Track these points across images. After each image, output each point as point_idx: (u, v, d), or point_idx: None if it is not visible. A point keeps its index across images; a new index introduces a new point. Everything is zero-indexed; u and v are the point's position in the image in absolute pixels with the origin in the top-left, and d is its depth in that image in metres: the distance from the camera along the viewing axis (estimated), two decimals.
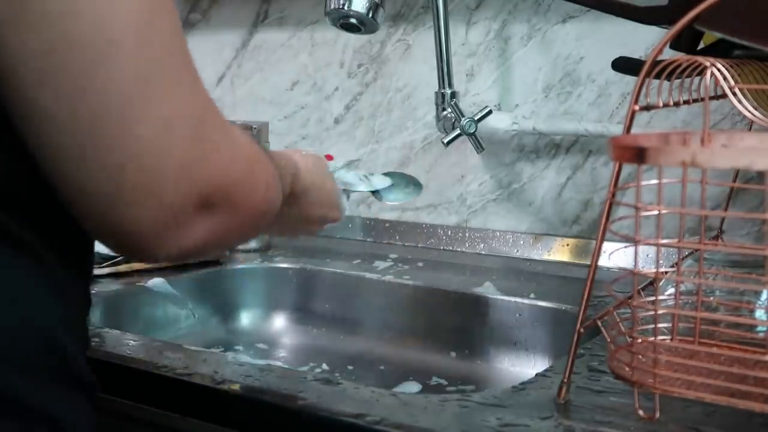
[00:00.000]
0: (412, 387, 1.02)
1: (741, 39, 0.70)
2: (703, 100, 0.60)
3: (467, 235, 1.28)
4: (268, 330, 1.20)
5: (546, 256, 1.20)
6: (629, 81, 1.11)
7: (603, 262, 0.66)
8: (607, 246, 0.67)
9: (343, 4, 1.07)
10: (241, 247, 1.26)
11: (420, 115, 1.31)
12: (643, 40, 1.08)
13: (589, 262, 0.64)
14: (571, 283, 1.09)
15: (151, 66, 0.52)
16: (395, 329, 1.12)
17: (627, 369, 0.59)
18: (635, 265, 0.57)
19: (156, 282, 1.11)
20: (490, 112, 1.16)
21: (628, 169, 0.59)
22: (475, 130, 1.15)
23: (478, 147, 1.16)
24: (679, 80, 0.62)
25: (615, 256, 0.97)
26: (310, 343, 1.17)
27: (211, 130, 0.55)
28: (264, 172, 0.63)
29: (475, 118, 1.14)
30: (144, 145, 0.51)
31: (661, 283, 0.72)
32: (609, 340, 0.62)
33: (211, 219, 0.56)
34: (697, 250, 0.71)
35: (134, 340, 0.85)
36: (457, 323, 1.08)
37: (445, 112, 1.16)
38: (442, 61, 1.15)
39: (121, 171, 0.51)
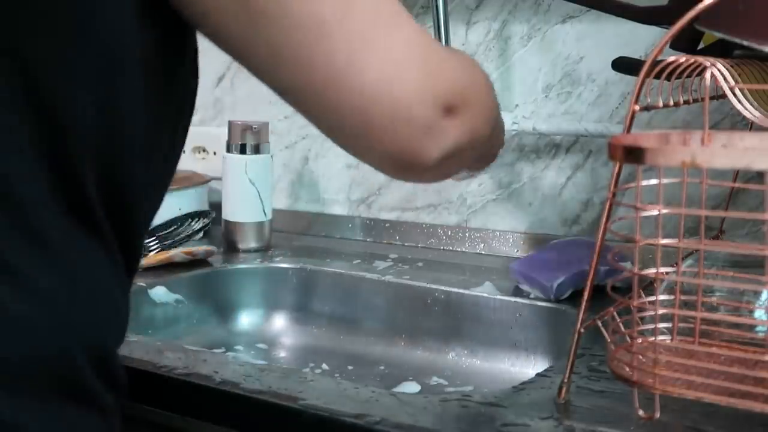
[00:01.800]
0: (412, 387, 1.02)
1: (741, 39, 0.70)
2: (703, 100, 0.60)
3: (467, 235, 1.28)
4: (268, 330, 1.20)
5: None
6: (629, 81, 1.11)
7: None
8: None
9: None
10: (243, 246, 1.26)
11: None
12: (643, 40, 1.08)
13: None
14: None
15: (368, 18, 0.61)
16: (395, 329, 1.12)
17: (627, 369, 0.59)
18: (635, 265, 0.57)
19: (158, 291, 1.12)
20: None
21: (628, 169, 0.59)
22: None
23: None
24: (679, 80, 0.62)
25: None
26: (310, 343, 1.17)
27: (434, 56, 0.64)
28: (480, 75, 0.72)
29: None
30: (378, 87, 0.61)
31: (662, 284, 0.73)
32: (609, 340, 0.62)
33: (457, 120, 0.64)
34: (697, 250, 0.71)
35: (134, 340, 0.85)
36: (457, 323, 1.08)
37: None
38: None
39: (364, 113, 0.61)
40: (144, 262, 1.14)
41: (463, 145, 0.66)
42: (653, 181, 0.57)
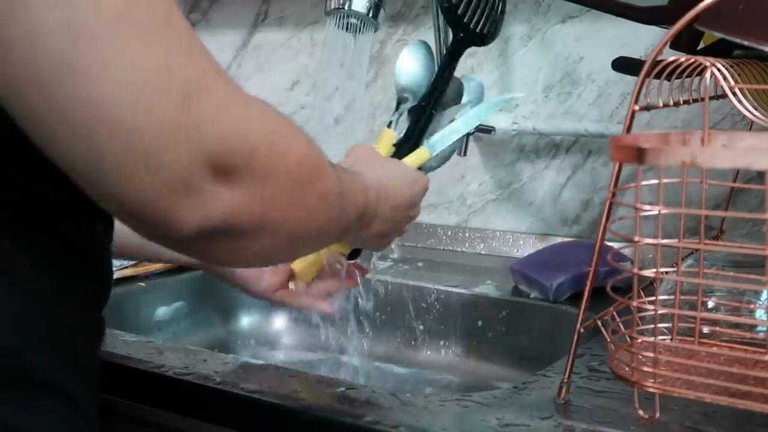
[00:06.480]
0: (412, 387, 1.02)
1: (741, 39, 0.70)
2: (703, 100, 0.60)
3: (467, 235, 1.27)
4: (268, 330, 1.20)
5: None
6: (629, 81, 1.11)
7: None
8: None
9: (343, 4, 1.07)
10: None
11: None
12: (643, 40, 1.08)
13: None
14: None
15: (117, 15, 0.48)
16: (395, 329, 1.12)
17: (627, 369, 0.59)
18: (635, 265, 0.57)
19: (159, 311, 1.12)
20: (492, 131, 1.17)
21: (628, 169, 0.59)
22: (474, 131, 1.15)
23: (464, 150, 1.16)
24: (679, 80, 0.62)
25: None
26: (311, 343, 1.17)
27: (212, 90, 0.51)
28: (297, 136, 0.58)
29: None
30: (111, 103, 0.47)
31: (662, 284, 0.73)
32: (609, 340, 0.62)
33: (236, 189, 0.52)
34: (697, 250, 0.71)
35: (134, 340, 0.85)
36: (457, 323, 1.08)
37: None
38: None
39: (92, 134, 0.48)
40: (147, 268, 1.14)
41: (243, 224, 0.53)
42: (653, 181, 0.57)
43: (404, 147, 0.91)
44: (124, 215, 0.52)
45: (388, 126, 0.93)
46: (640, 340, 0.59)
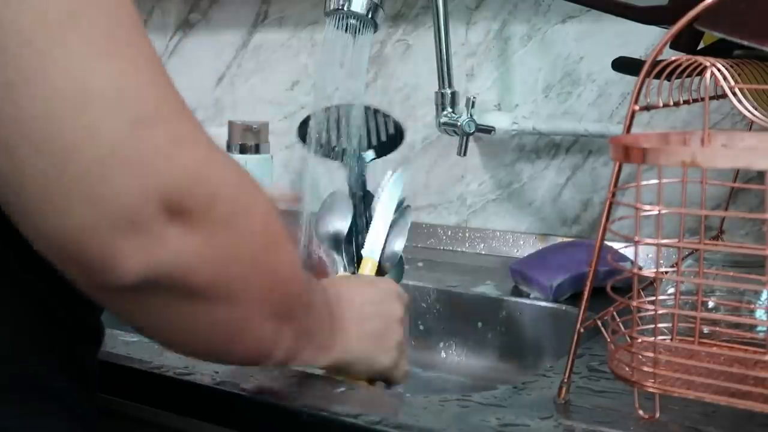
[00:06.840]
0: (412, 387, 1.02)
1: (741, 39, 0.70)
2: (703, 100, 0.60)
3: (467, 235, 1.27)
4: None
5: None
6: (629, 81, 1.11)
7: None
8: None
9: (343, 5, 1.07)
10: None
11: (420, 115, 1.31)
12: (643, 40, 1.08)
13: None
14: None
15: (61, 22, 0.43)
16: None
17: (627, 369, 0.59)
18: (635, 265, 0.57)
19: None
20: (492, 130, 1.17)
21: (628, 169, 0.59)
22: (474, 131, 1.15)
23: (464, 150, 1.16)
24: (679, 80, 0.62)
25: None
26: None
27: (171, 122, 0.46)
28: (262, 194, 0.52)
29: (474, 118, 1.15)
30: (38, 117, 0.42)
31: (662, 284, 0.72)
32: (609, 340, 0.62)
33: (193, 234, 0.45)
34: (697, 250, 0.71)
35: (134, 340, 0.84)
36: (457, 323, 1.08)
37: (445, 112, 1.17)
38: (442, 61, 1.15)
39: (14, 152, 0.42)
40: None
41: (198, 277, 0.46)
42: (653, 181, 0.57)
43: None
44: (57, 255, 0.46)
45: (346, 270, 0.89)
46: (640, 340, 0.59)
